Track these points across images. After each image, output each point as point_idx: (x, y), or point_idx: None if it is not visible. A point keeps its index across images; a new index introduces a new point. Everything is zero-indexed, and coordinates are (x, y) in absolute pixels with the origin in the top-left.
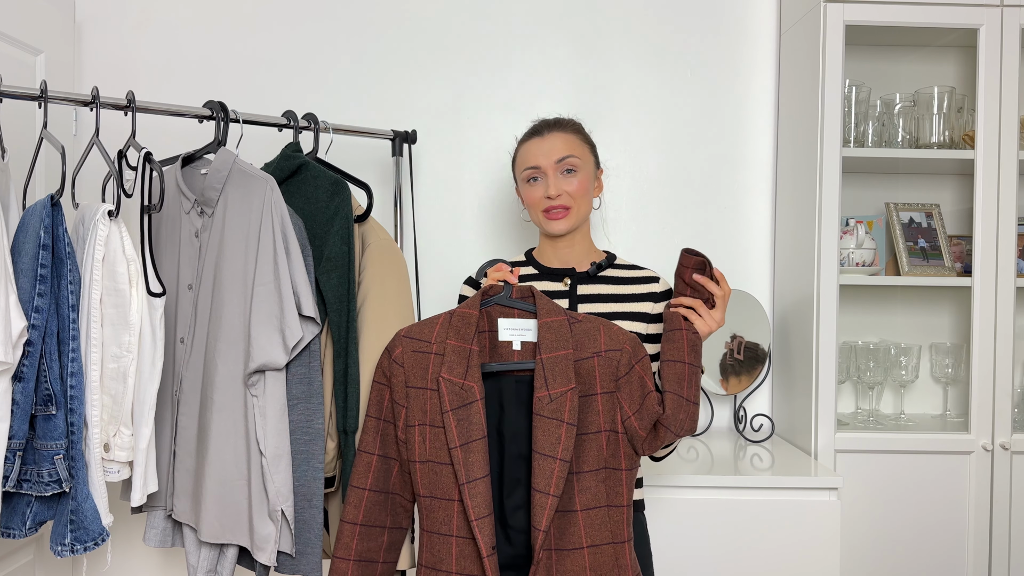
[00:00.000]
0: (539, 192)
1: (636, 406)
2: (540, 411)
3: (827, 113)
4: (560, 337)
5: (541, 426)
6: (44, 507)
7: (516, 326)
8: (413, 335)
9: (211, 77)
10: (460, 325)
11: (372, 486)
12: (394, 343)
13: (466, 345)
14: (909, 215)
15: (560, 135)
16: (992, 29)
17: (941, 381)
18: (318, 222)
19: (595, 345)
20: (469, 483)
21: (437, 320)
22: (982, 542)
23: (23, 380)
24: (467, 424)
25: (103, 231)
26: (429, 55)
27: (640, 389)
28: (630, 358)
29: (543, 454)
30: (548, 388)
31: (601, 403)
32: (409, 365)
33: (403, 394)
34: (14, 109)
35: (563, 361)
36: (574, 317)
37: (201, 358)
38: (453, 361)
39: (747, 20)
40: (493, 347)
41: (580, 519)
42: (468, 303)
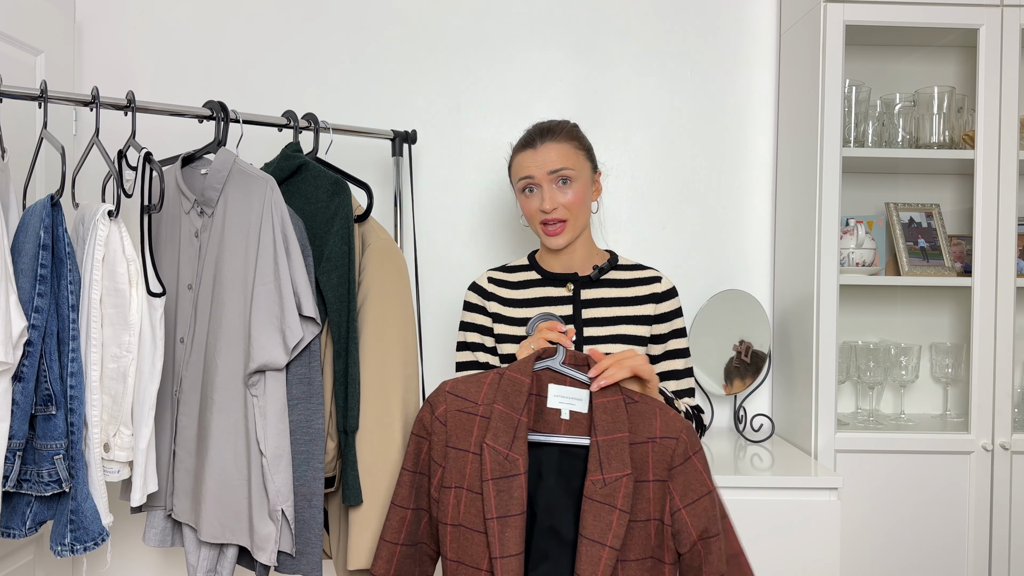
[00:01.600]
0: (535, 204)
1: (689, 500)
2: (592, 495)
3: (827, 113)
4: (617, 419)
5: (592, 511)
6: (44, 507)
7: (567, 394)
8: (459, 393)
9: (211, 77)
10: (510, 391)
11: (404, 540)
12: (437, 399)
13: (514, 414)
14: (909, 215)
15: (553, 145)
16: (992, 29)
17: (941, 381)
18: (318, 222)
19: (650, 430)
20: (503, 558)
21: (485, 380)
22: (982, 542)
23: (23, 380)
24: (507, 496)
25: (103, 231)
26: (429, 55)
27: (697, 484)
28: (686, 448)
29: (592, 540)
30: (603, 472)
31: (652, 491)
32: (452, 424)
33: (442, 453)
34: (14, 109)
35: (619, 444)
36: (630, 397)
37: (201, 358)
38: (499, 428)
39: (747, 20)
40: (539, 412)
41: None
42: (519, 366)
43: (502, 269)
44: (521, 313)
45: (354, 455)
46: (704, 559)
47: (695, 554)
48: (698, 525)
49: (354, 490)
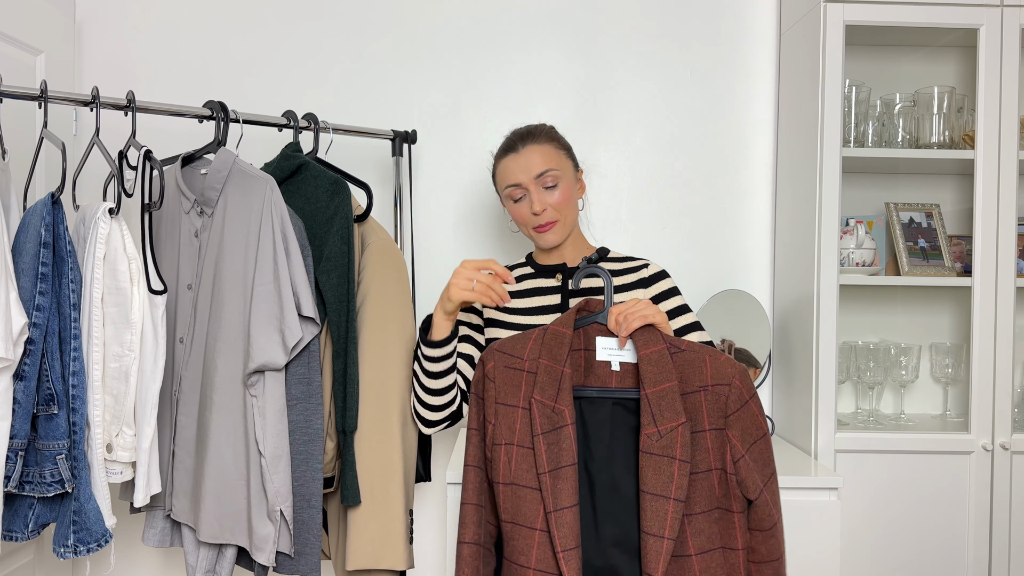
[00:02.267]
0: (525, 209)
1: (749, 444)
2: (649, 448)
3: (827, 113)
4: (663, 369)
5: (651, 464)
6: (46, 509)
7: (614, 345)
8: (506, 350)
9: (211, 77)
10: (552, 344)
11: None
12: (487, 356)
13: (557, 366)
14: (909, 215)
15: (535, 147)
16: (992, 29)
17: (941, 381)
18: (318, 222)
19: (701, 378)
20: (557, 511)
21: (530, 336)
22: (982, 542)
23: (25, 379)
24: (557, 449)
25: (104, 229)
26: (429, 55)
27: (754, 428)
28: (740, 393)
29: (655, 494)
30: (656, 424)
31: (710, 440)
32: (500, 381)
33: (492, 410)
34: (14, 109)
35: (670, 394)
36: (675, 346)
37: (200, 358)
38: (545, 382)
39: (747, 20)
40: (589, 367)
41: (695, 564)
42: (561, 320)
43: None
44: (514, 303)
45: (353, 455)
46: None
47: (764, 502)
48: (761, 470)
49: (353, 490)
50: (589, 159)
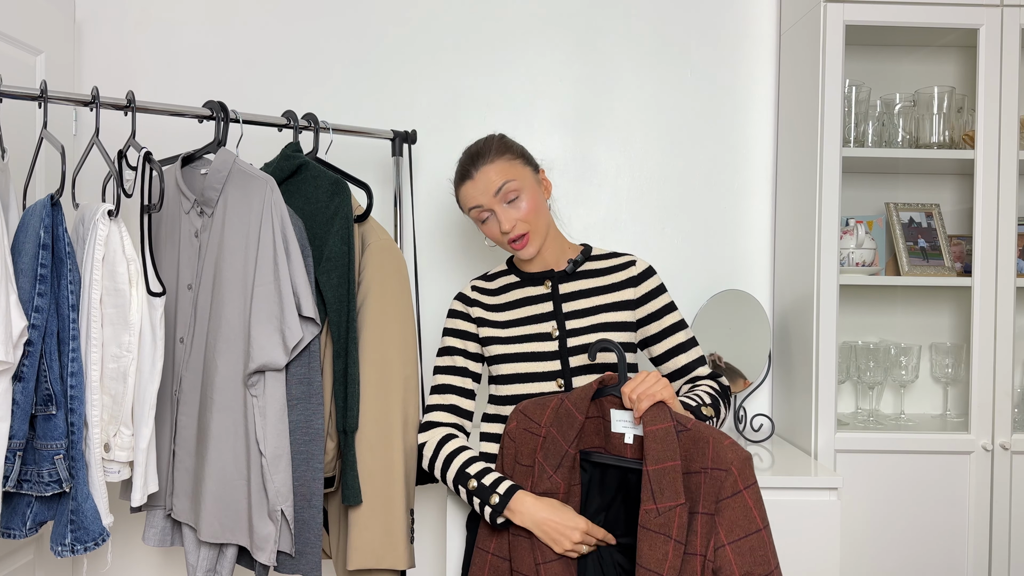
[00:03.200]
0: (495, 228)
1: (735, 537)
2: (647, 524)
3: (827, 113)
4: (667, 447)
5: (647, 540)
6: (44, 507)
7: (628, 419)
8: (528, 413)
9: (211, 77)
10: (564, 421)
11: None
12: (512, 416)
13: (564, 444)
14: (909, 215)
15: (488, 167)
16: (992, 29)
17: (941, 381)
18: (318, 222)
19: (703, 459)
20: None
21: (549, 403)
22: (982, 542)
23: (23, 380)
24: None
25: (103, 231)
26: (429, 55)
27: (745, 521)
28: (736, 481)
29: (649, 570)
30: (656, 502)
31: (701, 524)
32: (520, 442)
33: (511, 468)
34: (14, 109)
35: (671, 473)
36: (682, 424)
37: (201, 358)
38: (550, 450)
39: (747, 20)
40: (607, 433)
41: None
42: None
43: (483, 278)
44: (504, 316)
45: (353, 455)
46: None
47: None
48: (742, 565)
49: (353, 490)
50: (589, 159)
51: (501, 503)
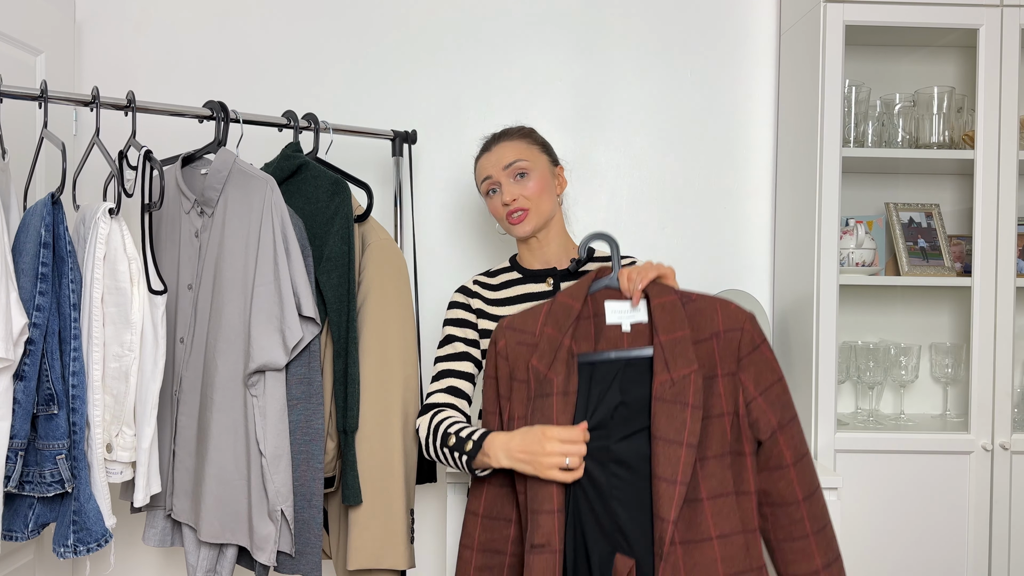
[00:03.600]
0: (498, 201)
1: (763, 387)
2: (662, 396)
3: (827, 113)
4: (676, 318)
5: (663, 411)
6: (46, 509)
7: (624, 308)
8: (516, 326)
9: (211, 77)
10: (559, 314)
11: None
12: (498, 334)
13: (558, 335)
14: (909, 215)
15: (507, 143)
16: (992, 29)
17: (941, 381)
18: (318, 222)
19: (712, 325)
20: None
21: (540, 309)
22: (982, 542)
23: (25, 379)
24: (540, 416)
25: (104, 229)
26: (429, 55)
27: (768, 372)
28: (752, 337)
29: (667, 440)
30: (670, 371)
31: (722, 386)
32: (513, 357)
33: (507, 387)
34: (14, 109)
35: (682, 342)
36: (687, 297)
37: (201, 358)
38: (544, 350)
39: (747, 20)
40: (600, 333)
41: (707, 508)
42: (571, 291)
43: (486, 274)
44: (504, 311)
45: (354, 455)
46: (785, 444)
47: (775, 442)
48: (776, 412)
49: (353, 490)
50: (589, 159)
51: (475, 448)
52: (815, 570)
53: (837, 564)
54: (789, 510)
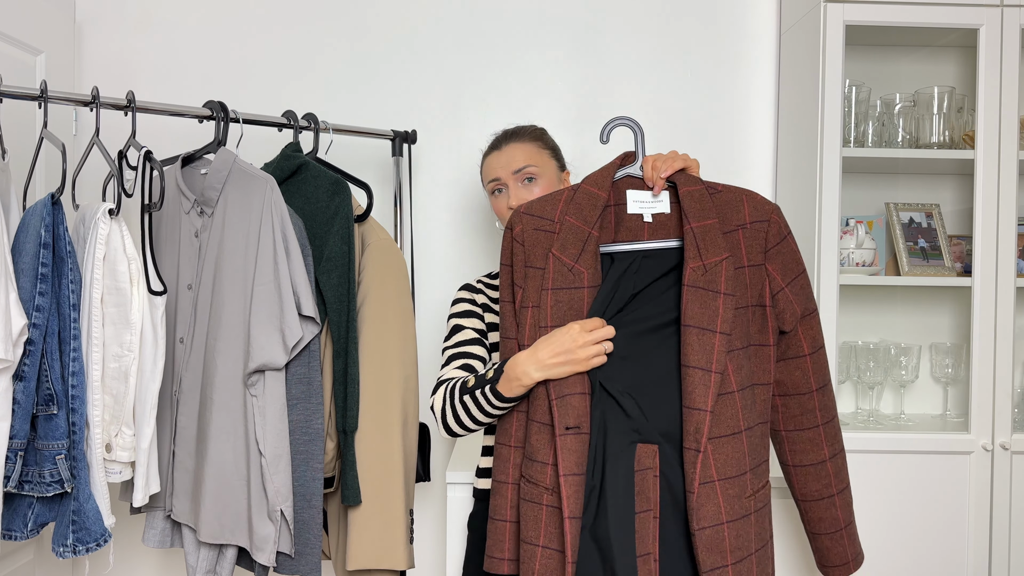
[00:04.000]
0: (503, 203)
1: (790, 278)
2: (694, 282)
3: (827, 113)
4: (704, 206)
5: (696, 298)
6: (46, 508)
7: (646, 198)
8: (534, 212)
9: (211, 77)
10: (584, 204)
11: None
12: (514, 220)
13: (585, 227)
14: (909, 215)
15: (518, 145)
16: (992, 29)
17: (941, 381)
18: (318, 222)
19: (739, 217)
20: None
21: (560, 196)
22: (982, 542)
23: (24, 379)
24: (565, 308)
25: (104, 229)
26: (429, 55)
27: (794, 263)
28: (779, 228)
29: (700, 328)
30: (702, 258)
31: (749, 276)
32: (529, 244)
33: (522, 274)
34: (14, 109)
35: (712, 230)
36: (713, 187)
37: (200, 358)
38: (567, 240)
39: (747, 20)
40: (620, 222)
41: (737, 400)
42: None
43: (489, 276)
44: None
45: (353, 455)
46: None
47: (795, 332)
48: (801, 302)
49: (353, 490)
50: (589, 159)
51: (496, 375)
52: (822, 459)
53: (842, 456)
54: (802, 400)
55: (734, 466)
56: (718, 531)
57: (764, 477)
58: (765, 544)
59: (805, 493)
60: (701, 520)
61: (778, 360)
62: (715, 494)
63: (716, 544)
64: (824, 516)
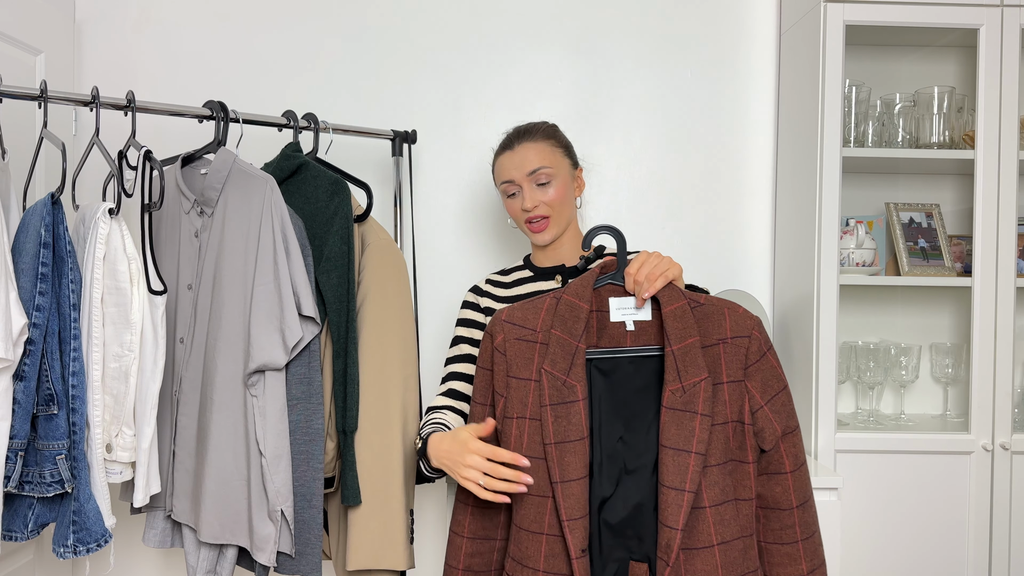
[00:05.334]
0: (518, 205)
1: (769, 396)
2: (672, 404)
3: (827, 113)
4: (686, 325)
5: (673, 420)
6: (46, 509)
7: (628, 305)
8: (516, 321)
9: (211, 77)
10: (567, 316)
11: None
12: (495, 328)
13: (572, 340)
14: (909, 215)
15: (531, 145)
16: (992, 29)
17: (941, 381)
18: (318, 222)
19: (720, 331)
20: (563, 483)
21: (542, 305)
22: (982, 542)
23: (24, 379)
24: (566, 422)
25: (104, 229)
26: (429, 55)
27: (774, 380)
28: (760, 345)
29: (676, 449)
30: (681, 380)
31: (728, 392)
32: (512, 354)
33: (503, 383)
34: (14, 109)
35: (693, 350)
36: (695, 300)
37: (201, 358)
38: (557, 355)
39: (747, 20)
40: (602, 328)
41: (709, 515)
42: (575, 289)
43: (500, 273)
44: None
45: (353, 455)
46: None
47: (777, 449)
48: (781, 421)
49: (353, 490)
50: (589, 158)
51: (422, 449)
52: (800, 574)
53: (821, 570)
54: (782, 515)
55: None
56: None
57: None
58: None
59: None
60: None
61: (760, 475)
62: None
63: None
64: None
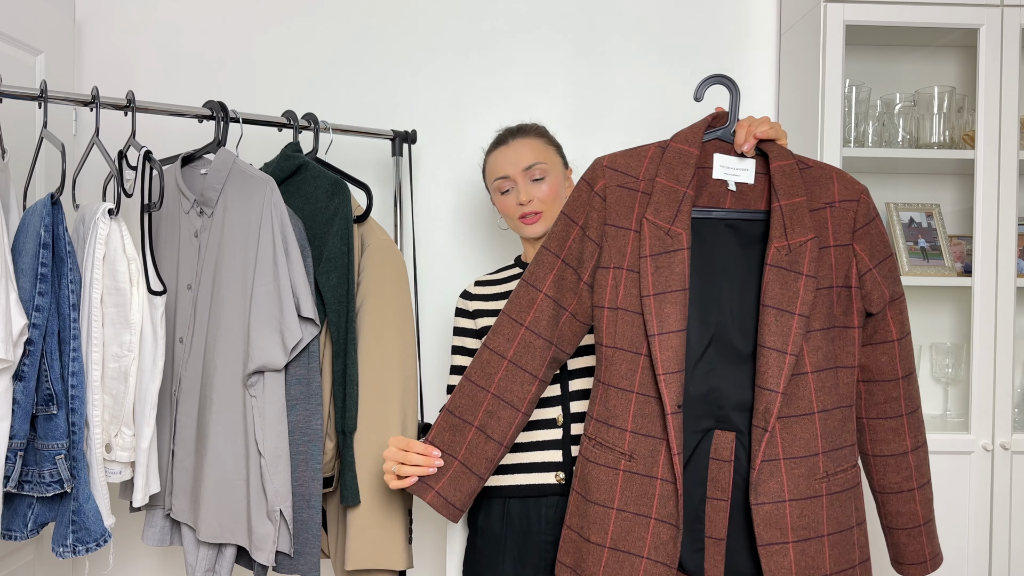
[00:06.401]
0: (512, 201)
1: (878, 260)
2: (777, 262)
3: (827, 113)
4: (794, 183)
5: (778, 279)
6: (45, 508)
7: (733, 164)
8: (618, 168)
9: (211, 77)
10: (675, 163)
11: (532, 325)
12: (595, 174)
13: (679, 187)
14: (909, 215)
15: (525, 141)
16: (992, 29)
17: (941, 381)
18: (318, 222)
19: (828, 195)
20: (661, 335)
21: (646, 153)
22: (982, 542)
23: (24, 379)
24: (667, 272)
25: (103, 229)
26: (429, 55)
27: (882, 245)
28: (868, 209)
29: (779, 309)
30: (787, 238)
31: (834, 256)
32: (612, 200)
33: (599, 232)
34: (14, 109)
35: (800, 208)
36: (803, 162)
37: (200, 358)
38: (661, 203)
39: (747, 20)
40: (702, 185)
41: (811, 381)
42: (685, 136)
43: (491, 273)
44: (500, 305)
45: (352, 456)
46: (893, 319)
47: (883, 316)
48: (889, 285)
49: (352, 490)
50: (590, 158)
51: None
52: (904, 451)
53: (924, 449)
54: (887, 387)
55: (803, 447)
56: (778, 508)
57: (844, 462)
58: (847, 529)
59: (884, 485)
60: (759, 496)
61: (864, 344)
62: (778, 472)
63: (775, 520)
64: (902, 510)
